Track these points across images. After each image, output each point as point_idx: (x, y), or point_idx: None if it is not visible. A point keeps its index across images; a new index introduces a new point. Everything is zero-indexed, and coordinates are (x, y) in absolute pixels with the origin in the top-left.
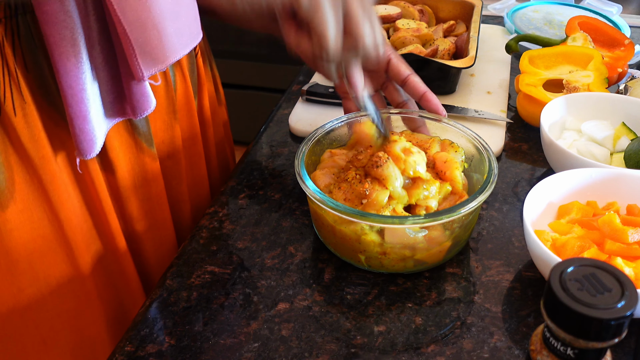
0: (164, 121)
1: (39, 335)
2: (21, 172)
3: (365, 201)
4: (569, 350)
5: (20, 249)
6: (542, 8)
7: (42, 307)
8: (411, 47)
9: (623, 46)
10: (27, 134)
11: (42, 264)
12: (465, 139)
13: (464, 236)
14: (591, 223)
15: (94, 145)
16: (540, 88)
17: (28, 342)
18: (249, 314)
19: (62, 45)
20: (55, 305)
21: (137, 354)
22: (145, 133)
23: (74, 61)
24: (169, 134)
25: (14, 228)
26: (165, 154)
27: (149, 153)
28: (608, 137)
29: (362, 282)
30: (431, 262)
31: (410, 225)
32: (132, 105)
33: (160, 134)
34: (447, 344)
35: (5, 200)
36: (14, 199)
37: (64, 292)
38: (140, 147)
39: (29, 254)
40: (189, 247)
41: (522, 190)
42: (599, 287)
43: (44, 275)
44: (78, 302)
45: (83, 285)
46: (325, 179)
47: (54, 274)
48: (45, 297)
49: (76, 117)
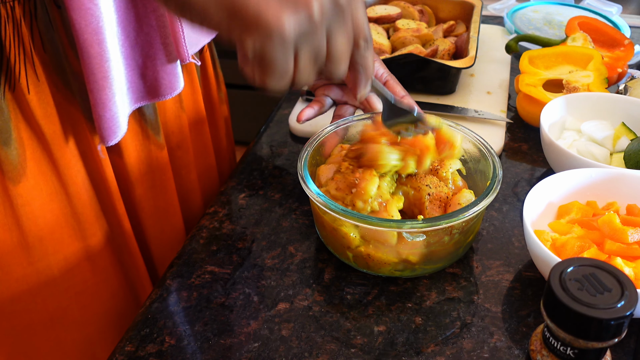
0: (172, 111)
1: (46, 310)
2: (33, 148)
3: (355, 190)
4: (569, 350)
5: (31, 223)
6: (542, 8)
7: (50, 281)
8: (411, 47)
9: (623, 46)
10: (40, 111)
11: (52, 240)
12: (470, 143)
13: (463, 242)
14: (591, 223)
15: (116, 131)
16: (540, 88)
17: (35, 316)
18: (249, 314)
19: (87, 32)
20: (63, 281)
21: (137, 354)
22: (152, 121)
23: (98, 49)
24: (177, 124)
25: (25, 203)
26: (175, 144)
27: (154, 141)
28: (608, 137)
29: (362, 282)
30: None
31: (408, 229)
32: (163, 86)
33: (169, 123)
34: (447, 344)
35: (18, 175)
36: (26, 175)
37: (73, 268)
38: (146, 134)
39: (39, 229)
40: (189, 247)
41: (522, 190)
42: (599, 287)
43: (53, 251)
44: (86, 278)
45: (91, 262)
46: (328, 173)
47: (63, 250)
48: (54, 272)
49: (98, 104)
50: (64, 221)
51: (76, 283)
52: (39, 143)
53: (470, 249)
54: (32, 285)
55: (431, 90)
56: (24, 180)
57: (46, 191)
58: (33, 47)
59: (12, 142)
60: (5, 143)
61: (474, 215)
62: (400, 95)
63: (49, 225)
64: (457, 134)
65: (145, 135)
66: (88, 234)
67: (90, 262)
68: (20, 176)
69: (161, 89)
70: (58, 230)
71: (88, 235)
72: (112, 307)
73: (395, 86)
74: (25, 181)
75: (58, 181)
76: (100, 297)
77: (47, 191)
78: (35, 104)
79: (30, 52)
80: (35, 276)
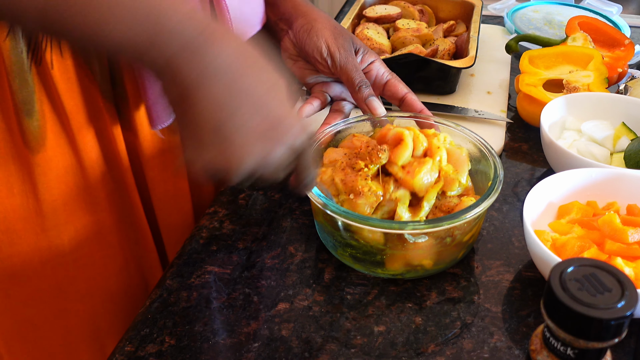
0: None
1: (54, 278)
2: (53, 121)
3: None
4: (569, 350)
5: (46, 192)
6: (542, 8)
7: (60, 251)
8: (411, 47)
9: (623, 46)
10: (62, 86)
11: (65, 210)
12: (471, 144)
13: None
14: (591, 223)
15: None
16: (540, 88)
17: (44, 284)
18: (249, 314)
19: None
20: (72, 251)
21: (137, 354)
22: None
23: None
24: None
25: (42, 172)
26: None
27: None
28: (608, 137)
29: (362, 282)
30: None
31: (410, 230)
32: None
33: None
34: (447, 344)
35: (37, 145)
36: (45, 146)
37: (83, 240)
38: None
39: (53, 199)
40: (189, 247)
41: (522, 190)
42: (599, 287)
43: (64, 221)
44: (95, 251)
45: (100, 237)
46: (334, 155)
47: (74, 222)
48: (64, 242)
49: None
50: (77, 194)
51: (84, 255)
52: (59, 117)
53: (471, 249)
54: (42, 252)
55: (431, 90)
56: (42, 151)
57: (62, 163)
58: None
59: (35, 114)
60: (28, 114)
61: (475, 216)
62: (402, 93)
63: (63, 196)
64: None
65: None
66: (99, 209)
67: (98, 236)
68: (39, 146)
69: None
70: (70, 202)
71: (99, 210)
72: (118, 283)
73: (397, 84)
74: (44, 152)
75: (74, 155)
76: (107, 272)
77: (64, 163)
78: (59, 79)
79: None
80: (46, 244)
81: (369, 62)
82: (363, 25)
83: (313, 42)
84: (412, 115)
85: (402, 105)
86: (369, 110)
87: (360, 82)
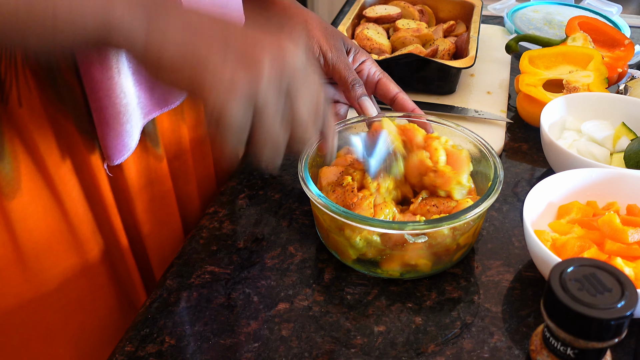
0: (171, 122)
1: (43, 325)
2: (27, 162)
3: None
4: (569, 350)
5: (27, 239)
6: (542, 8)
7: (47, 297)
8: (411, 47)
9: (623, 46)
10: (33, 125)
11: (49, 255)
12: (471, 144)
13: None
14: (591, 223)
15: (123, 151)
16: (540, 88)
17: (33, 332)
18: (249, 314)
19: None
20: (60, 296)
21: (137, 354)
22: (151, 133)
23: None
24: (175, 135)
25: (20, 218)
26: (172, 155)
27: (153, 153)
28: (608, 137)
29: (362, 282)
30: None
31: (410, 230)
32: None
33: (168, 134)
34: (447, 344)
35: (12, 190)
36: (21, 190)
37: (70, 284)
38: (145, 146)
39: (35, 245)
40: (189, 247)
41: (522, 190)
42: (599, 287)
43: (49, 266)
44: (83, 294)
45: (89, 278)
46: (330, 177)
47: (61, 266)
48: (50, 287)
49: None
50: (60, 236)
51: (73, 299)
52: (34, 157)
53: (471, 249)
54: (28, 300)
55: (431, 90)
56: (18, 196)
57: (42, 206)
58: (25, 57)
59: (6, 157)
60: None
61: (475, 217)
62: (394, 92)
63: (45, 240)
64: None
65: (144, 148)
66: (85, 250)
67: (87, 277)
68: (15, 191)
69: (172, 97)
70: (54, 246)
71: (85, 251)
72: (110, 322)
73: (389, 84)
74: (20, 196)
75: (53, 196)
76: (98, 313)
77: (43, 206)
78: (28, 117)
79: (22, 64)
80: (31, 291)
81: (360, 61)
82: (363, 25)
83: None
84: (405, 114)
85: (394, 105)
86: (361, 111)
87: (352, 80)
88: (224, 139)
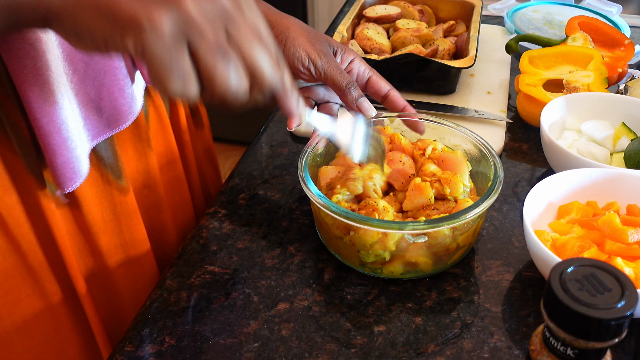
0: (136, 149)
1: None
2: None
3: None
4: (569, 350)
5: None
6: (542, 8)
7: (8, 345)
8: (411, 47)
9: (623, 46)
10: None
11: (6, 301)
12: (471, 144)
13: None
14: (591, 223)
15: (73, 177)
16: (540, 88)
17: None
18: (249, 314)
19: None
20: (22, 342)
21: (137, 354)
22: (112, 164)
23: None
24: (142, 163)
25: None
26: (140, 184)
27: (116, 186)
28: (608, 137)
29: (362, 282)
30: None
31: (410, 230)
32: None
33: (133, 163)
34: (447, 344)
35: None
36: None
37: (32, 328)
38: (107, 179)
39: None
40: (189, 247)
41: (522, 190)
42: (599, 287)
43: (7, 313)
44: (48, 338)
45: (52, 319)
46: (329, 175)
47: (20, 310)
48: (11, 334)
49: (49, 150)
50: (18, 279)
51: (38, 344)
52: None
53: (471, 249)
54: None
55: (431, 90)
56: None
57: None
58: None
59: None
60: None
61: (475, 217)
62: (385, 90)
63: (2, 285)
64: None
65: (106, 181)
66: (47, 293)
67: (51, 319)
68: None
69: (121, 116)
70: (13, 290)
71: (47, 294)
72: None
73: (379, 81)
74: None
75: (8, 239)
76: (66, 356)
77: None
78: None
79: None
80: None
81: (348, 61)
82: (363, 25)
83: (291, 53)
84: (400, 114)
85: (385, 102)
86: (360, 112)
87: (347, 84)
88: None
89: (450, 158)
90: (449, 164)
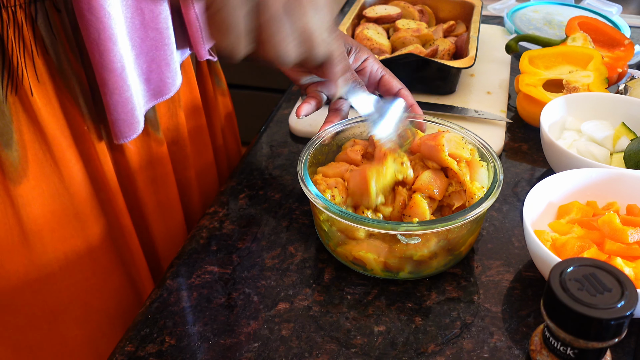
0: (168, 108)
1: (47, 307)
2: (35, 149)
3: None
4: (569, 350)
5: (32, 223)
6: (542, 8)
7: (51, 279)
8: (411, 47)
9: (623, 46)
10: (44, 112)
11: (52, 238)
12: (471, 144)
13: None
14: (591, 223)
15: (136, 128)
16: (540, 88)
17: (38, 312)
18: (249, 314)
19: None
20: (64, 278)
21: (137, 354)
22: (151, 118)
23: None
24: (173, 121)
25: (25, 203)
26: (170, 140)
27: (154, 137)
28: (608, 137)
29: (362, 282)
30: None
31: (404, 231)
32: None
33: (165, 120)
34: (447, 344)
35: (18, 176)
36: (27, 176)
37: (73, 266)
38: (147, 131)
39: (39, 229)
40: (189, 247)
41: (522, 190)
42: (599, 287)
43: (53, 249)
44: (87, 276)
45: (92, 260)
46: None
47: (64, 247)
48: (54, 269)
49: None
50: (65, 220)
51: (77, 280)
52: (41, 144)
53: (471, 249)
54: (32, 281)
55: (431, 90)
56: (24, 182)
57: (47, 191)
58: (35, 49)
59: (14, 144)
60: (7, 145)
61: (473, 219)
62: (397, 88)
63: (50, 223)
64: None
65: (146, 132)
66: (89, 232)
67: (91, 259)
68: (21, 177)
69: (165, 89)
70: (59, 229)
71: (89, 234)
72: (114, 304)
73: (391, 80)
74: (27, 182)
75: (59, 181)
76: (102, 295)
77: (49, 191)
78: (39, 105)
79: (32, 55)
80: (35, 273)
81: (362, 59)
82: (363, 25)
83: None
84: (406, 115)
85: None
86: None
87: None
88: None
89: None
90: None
